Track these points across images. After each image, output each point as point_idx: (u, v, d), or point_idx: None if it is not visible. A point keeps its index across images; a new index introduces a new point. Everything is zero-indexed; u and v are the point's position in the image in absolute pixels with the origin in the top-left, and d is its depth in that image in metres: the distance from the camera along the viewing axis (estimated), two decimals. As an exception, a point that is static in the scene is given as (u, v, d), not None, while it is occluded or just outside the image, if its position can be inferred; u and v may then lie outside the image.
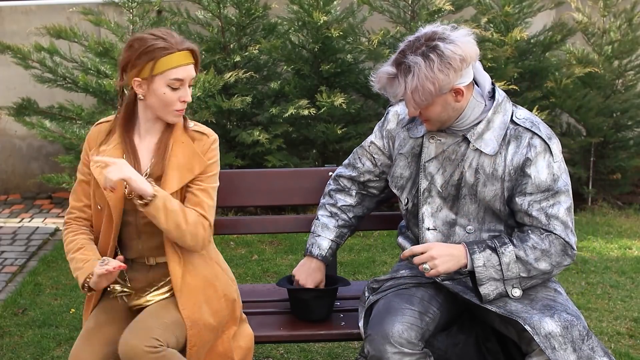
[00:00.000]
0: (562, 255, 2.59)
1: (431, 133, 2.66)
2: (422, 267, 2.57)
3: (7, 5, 6.25)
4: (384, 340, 2.54)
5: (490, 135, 2.60)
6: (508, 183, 2.60)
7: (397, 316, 2.59)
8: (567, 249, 2.60)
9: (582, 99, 5.72)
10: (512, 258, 2.56)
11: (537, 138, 2.59)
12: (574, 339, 2.49)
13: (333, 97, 5.33)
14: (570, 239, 2.60)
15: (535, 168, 2.58)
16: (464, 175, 2.63)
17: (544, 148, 2.59)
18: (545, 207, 2.58)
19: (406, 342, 2.54)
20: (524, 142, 2.59)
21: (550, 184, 2.59)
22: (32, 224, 5.64)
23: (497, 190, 2.61)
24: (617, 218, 5.66)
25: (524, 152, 2.58)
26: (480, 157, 2.61)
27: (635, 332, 3.89)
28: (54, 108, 5.67)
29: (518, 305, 2.57)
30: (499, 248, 2.57)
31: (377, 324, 2.60)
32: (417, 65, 2.47)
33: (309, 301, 2.97)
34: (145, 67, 2.48)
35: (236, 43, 5.62)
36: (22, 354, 3.71)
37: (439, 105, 2.55)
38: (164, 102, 2.51)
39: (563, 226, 2.59)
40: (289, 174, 3.23)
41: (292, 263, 4.79)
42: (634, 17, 5.83)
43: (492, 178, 2.61)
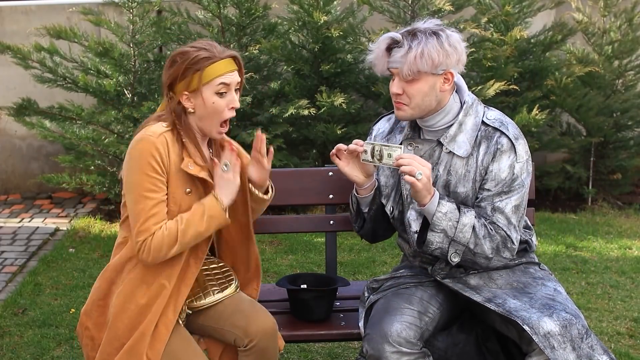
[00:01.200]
0: (503, 246, 2.61)
1: (409, 140, 2.69)
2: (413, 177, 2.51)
3: (7, 5, 6.25)
4: (383, 340, 2.55)
5: (463, 137, 2.63)
6: (479, 183, 2.64)
7: (396, 316, 2.60)
8: (507, 241, 2.61)
9: (582, 99, 5.72)
10: (470, 223, 2.57)
11: (504, 137, 2.62)
12: (573, 338, 2.49)
13: (333, 97, 5.33)
14: (512, 233, 2.61)
15: (498, 165, 2.61)
16: (439, 178, 2.66)
17: (509, 147, 2.61)
18: (495, 201, 2.61)
19: (405, 342, 2.55)
20: (492, 142, 2.63)
21: (508, 183, 2.62)
22: (32, 224, 5.64)
23: (469, 191, 2.64)
24: (617, 218, 5.67)
25: (492, 151, 2.62)
26: (453, 159, 2.65)
27: (635, 332, 3.89)
28: (54, 108, 5.67)
29: (517, 304, 2.58)
30: (463, 208, 2.60)
31: (376, 323, 2.61)
32: (426, 35, 2.54)
33: (309, 301, 2.98)
34: (192, 79, 2.49)
35: (236, 43, 5.62)
36: (22, 354, 3.71)
37: (427, 85, 2.57)
38: (214, 111, 2.53)
39: (506, 221, 2.61)
40: (289, 174, 3.23)
41: (292, 263, 4.79)
42: (634, 17, 5.84)
43: (464, 180, 2.64)
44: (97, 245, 5.10)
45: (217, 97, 2.52)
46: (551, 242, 5.11)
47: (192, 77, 2.49)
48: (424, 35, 2.54)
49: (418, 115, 2.63)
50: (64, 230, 5.47)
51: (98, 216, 5.67)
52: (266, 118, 5.49)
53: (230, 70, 2.53)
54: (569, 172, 5.87)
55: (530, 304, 2.58)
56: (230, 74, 2.53)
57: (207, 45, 2.53)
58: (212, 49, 2.52)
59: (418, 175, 2.51)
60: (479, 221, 2.60)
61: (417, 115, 2.64)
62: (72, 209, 6.00)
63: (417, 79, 2.56)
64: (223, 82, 2.51)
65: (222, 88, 2.51)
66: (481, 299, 2.63)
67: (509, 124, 2.66)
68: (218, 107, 2.52)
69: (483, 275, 2.73)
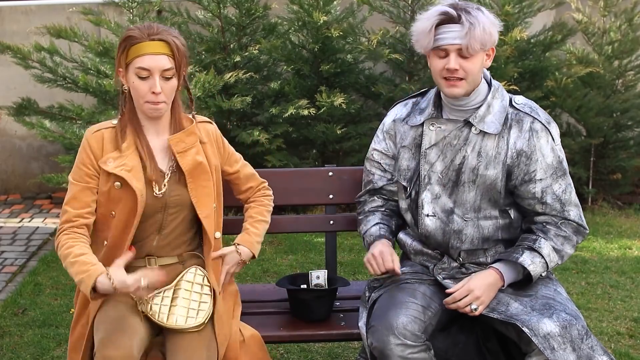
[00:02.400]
0: (577, 236, 2.69)
1: (432, 120, 2.67)
2: (469, 309, 2.59)
3: (7, 5, 6.25)
4: (388, 332, 2.55)
5: (492, 118, 2.63)
6: (510, 166, 2.64)
7: (402, 309, 2.60)
8: (580, 230, 2.69)
9: (582, 99, 5.72)
10: (550, 248, 2.64)
11: (537, 122, 2.64)
12: (573, 339, 2.49)
13: (333, 97, 5.33)
14: (584, 222, 2.70)
15: (541, 153, 2.62)
16: (466, 159, 2.64)
17: (545, 132, 2.64)
18: (558, 192, 2.64)
19: (410, 334, 2.54)
20: (525, 127, 2.62)
21: (557, 166, 2.65)
22: (32, 224, 5.64)
23: (498, 174, 2.64)
24: (617, 218, 5.67)
25: (527, 137, 2.62)
26: (483, 140, 2.63)
27: (635, 332, 3.89)
28: (54, 108, 5.68)
29: (519, 307, 2.57)
30: (534, 245, 2.63)
31: (381, 315, 2.61)
32: (475, 10, 2.55)
33: (309, 301, 2.98)
34: (121, 57, 2.52)
35: (236, 43, 5.62)
36: (22, 354, 3.71)
37: (480, 61, 2.58)
38: (136, 92, 2.51)
39: (577, 209, 2.68)
40: (289, 174, 3.23)
41: (292, 263, 4.79)
42: (634, 17, 5.84)
43: (494, 161, 2.63)
44: (97, 245, 5.10)
45: (137, 79, 2.49)
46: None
47: (122, 55, 2.52)
48: (475, 11, 2.54)
49: (471, 90, 2.61)
50: (64, 230, 5.46)
51: (98, 216, 5.66)
52: (266, 118, 5.49)
53: (153, 52, 2.47)
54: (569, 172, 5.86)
55: (531, 305, 2.58)
56: (152, 55, 2.46)
57: (146, 26, 2.51)
58: (145, 30, 2.49)
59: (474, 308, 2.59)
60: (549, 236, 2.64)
61: (470, 91, 2.61)
62: (72, 209, 6.00)
63: (474, 55, 2.56)
64: (141, 65, 2.46)
65: (142, 72, 2.47)
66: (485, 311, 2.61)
67: (538, 109, 2.68)
68: (138, 88, 2.50)
69: None
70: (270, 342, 2.76)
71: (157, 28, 2.50)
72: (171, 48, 2.49)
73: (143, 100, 2.51)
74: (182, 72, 2.54)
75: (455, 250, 2.71)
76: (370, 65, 5.79)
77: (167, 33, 2.50)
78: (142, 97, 2.50)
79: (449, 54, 2.56)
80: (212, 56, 5.50)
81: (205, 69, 5.35)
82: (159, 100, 2.50)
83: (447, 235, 2.70)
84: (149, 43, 2.47)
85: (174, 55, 2.49)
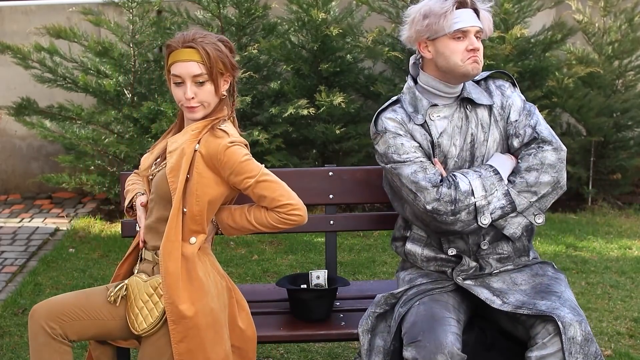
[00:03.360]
0: (557, 162, 2.69)
1: (432, 109, 2.72)
2: None
3: (7, 5, 6.25)
4: (437, 350, 2.49)
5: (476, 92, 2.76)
6: (500, 122, 2.75)
7: (447, 326, 2.56)
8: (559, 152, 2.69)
9: (582, 99, 5.72)
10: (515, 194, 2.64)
11: (498, 80, 2.81)
12: (588, 354, 2.51)
13: (332, 97, 5.33)
14: (556, 141, 2.71)
15: (512, 99, 2.76)
16: (475, 135, 2.73)
17: (507, 83, 2.81)
18: (529, 122, 2.73)
19: (455, 354, 2.51)
20: (492, 87, 2.79)
21: (523, 105, 2.77)
22: (32, 224, 5.64)
23: (496, 135, 2.74)
24: (617, 218, 5.67)
25: (499, 93, 2.78)
26: (477, 112, 2.75)
27: (635, 332, 3.89)
28: (54, 108, 5.68)
29: (547, 303, 2.58)
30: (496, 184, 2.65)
31: (429, 331, 2.53)
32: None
33: (309, 301, 2.98)
34: (165, 63, 2.64)
35: (236, 43, 5.62)
36: (22, 354, 3.71)
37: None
38: (176, 98, 2.62)
39: (547, 130, 2.72)
40: (289, 174, 3.22)
41: (292, 263, 4.79)
42: (634, 17, 5.83)
43: (492, 126, 2.75)
44: (97, 245, 5.10)
45: (173, 85, 2.60)
46: (551, 242, 5.11)
47: (165, 62, 2.64)
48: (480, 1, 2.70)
49: None
50: (64, 230, 5.47)
51: (98, 216, 5.67)
52: (266, 118, 5.49)
53: (182, 59, 2.55)
54: (569, 172, 5.85)
55: (561, 302, 2.58)
56: (182, 63, 2.55)
57: (185, 33, 2.59)
58: (181, 38, 2.58)
59: None
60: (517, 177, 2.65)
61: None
62: (72, 209, 6.00)
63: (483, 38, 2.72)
64: (174, 72, 2.58)
65: (175, 78, 2.58)
66: (511, 308, 2.60)
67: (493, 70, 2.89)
68: (175, 94, 2.61)
69: (506, 279, 2.72)
70: (270, 342, 2.76)
71: (192, 35, 2.57)
72: (201, 55, 2.54)
73: (180, 104, 2.62)
74: (217, 76, 2.57)
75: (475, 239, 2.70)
76: (369, 64, 5.79)
77: (199, 40, 2.55)
78: (179, 102, 2.61)
79: (468, 36, 2.65)
80: (212, 56, 5.49)
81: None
82: (192, 105, 2.58)
83: None
84: (181, 50, 2.56)
85: (204, 61, 2.55)
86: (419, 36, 2.67)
